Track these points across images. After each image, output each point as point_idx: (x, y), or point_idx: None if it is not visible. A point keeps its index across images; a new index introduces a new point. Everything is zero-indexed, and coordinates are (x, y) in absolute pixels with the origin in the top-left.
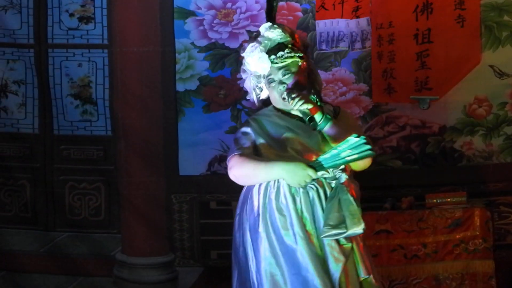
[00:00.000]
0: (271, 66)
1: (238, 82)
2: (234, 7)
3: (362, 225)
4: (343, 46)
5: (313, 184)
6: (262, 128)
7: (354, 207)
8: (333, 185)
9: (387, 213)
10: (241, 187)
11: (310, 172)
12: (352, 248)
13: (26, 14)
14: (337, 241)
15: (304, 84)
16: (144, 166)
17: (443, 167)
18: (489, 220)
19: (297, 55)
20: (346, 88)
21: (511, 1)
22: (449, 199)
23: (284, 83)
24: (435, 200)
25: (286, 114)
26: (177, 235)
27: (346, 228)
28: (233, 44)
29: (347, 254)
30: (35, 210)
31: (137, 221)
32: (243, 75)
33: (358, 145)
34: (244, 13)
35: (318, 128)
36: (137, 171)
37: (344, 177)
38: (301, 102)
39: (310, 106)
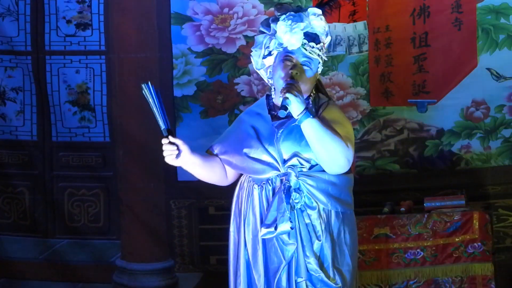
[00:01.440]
0: (299, 48)
1: (236, 87)
2: (231, 12)
3: (289, 224)
4: (340, 50)
5: (265, 183)
6: (239, 129)
7: (283, 205)
8: (278, 183)
9: (386, 217)
10: None
11: (163, 142)
12: (296, 249)
13: (23, 21)
14: (282, 241)
15: (310, 84)
16: (142, 172)
17: (441, 170)
18: (488, 223)
19: (322, 56)
20: (343, 92)
21: (508, 4)
22: (447, 203)
23: (294, 68)
24: (433, 204)
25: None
26: (177, 240)
27: (276, 227)
28: (230, 49)
29: (289, 255)
30: (34, 217)
31: (137, 227)
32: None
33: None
34: (241, 18)
35: (288, 119)
36: (136, 177)
37: (293, 174)
38: (284, 90)
39: (291, 96)
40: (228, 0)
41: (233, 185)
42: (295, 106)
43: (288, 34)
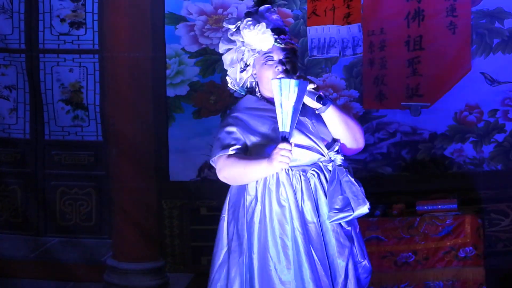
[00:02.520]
0: (274, 45)
1: (228, 88)
2: (225, 12)
3: (367, 204)
4: (334, 52)
5: (314, 171)
6: (247, 127)
7: (356, 187)
8: (330, 168)
9: (377, 220)
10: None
11: (282, 146)
12: (351, 231)
13: (17, 19)
14: (341, 226)
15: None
16: (134, 172)
17: (433, 174)
18: (480, 228)
19: (294, 43)
20: (336, 95)
21: (502, 8)
22: (440, 206)
23: (283, 64)
24: (425, 207)
25: (270, 102)
26: (168, 240)
27: (352, 210)
28: None
29: (351, 239)
30: (26, 215)
31: (128, 227)
32: (224, 46)
33: (285, 86)
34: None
35: (326, 105)
36: (128, 177)
37: (339, 158)
38: (307, 82)
39: (315, 85)
40: (222, 1)
41: (226, 185)
42: (314, 97)
43: (257, 38)
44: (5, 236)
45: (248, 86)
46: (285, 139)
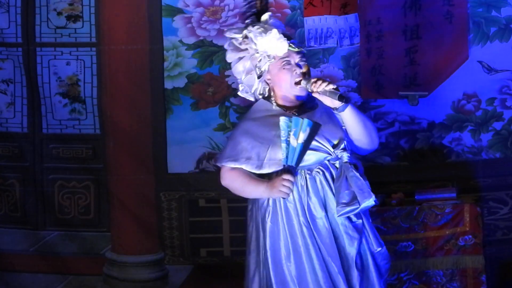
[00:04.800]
0: (288, 49)
1: (227, 79)
2: (222, 4)
3: (373, 197)
4: (331, 43)
5: (319, 169)
6: (255, 135)
7: (361, 181)
8: (337, 165)
9: (376, 210)
10: None
11: (286, 177)
12: (363, 223)
13: (14, 13)
14: (350, 219)
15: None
16: (133, 164)
17: (432, 163)
18: (479, 216)
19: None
20: (345, 89)
21: None
22: (438, 195)
23: (300, 67)
24: (424, 196)
25: (281, 106)
26: (167, 233)
27: (359, 203)
28: (221, 42)
29: (360, 231)
30: (25, 209)
31: (127, 219)
32: (234, 55)
33: (295, 124)
34: (232, 10)
35: (347, 103)
36: (126, 169)
37: (346, 155)
38: (325, 83)
39: (334, 85)
40: None
41: None
42: (336, 96)
43: (272, 44)
44: (4, 230)
45: (261, 92)
46: (290, 170)
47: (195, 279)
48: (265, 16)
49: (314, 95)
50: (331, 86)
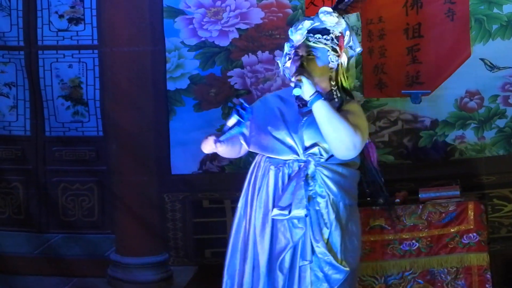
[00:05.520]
0: (304, 41)
1: (229, 80)
2: (223, 5)
3: (304, 210)
4: None
5: (280, 166)
6: (262, 108)
7: (301, 192)
8: (297, 168)
9: (381, 208)
10: (235, 185)
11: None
12: (306, 231)
13: (15, 16)
14: (292, 224)
15: (320, 72)
16: (136, 166)
17: (435, 161)
18: (483, 214)
19: (331, 45)
20: None
21: None
22: (442, 193)
23: (301, 59)
24: (428, 195)
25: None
26: (171, 234)
27: (289, 211)
28: (223, 42)
29: (296, 238)
30: (29, 212)
31: (131, 221)
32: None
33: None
34: (234, 11)
35: (305, 101)
36: (129, 171)
37: (313, 161)
38: (297, 74)
39: (301, 78)
40: None
41: (228, 177)
42: (307, 88)
43: (295, 32)
44: (8, 233)
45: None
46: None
47: (199, 279)
48: (324, 8)
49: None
50: (297, 78)
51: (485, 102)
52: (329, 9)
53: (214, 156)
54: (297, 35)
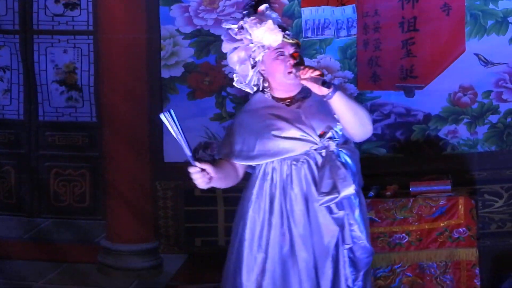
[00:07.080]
0: (282, 40)
1: (223, 69)
2: None
3: (353, 186)
4: (328, 33)
5: (305, 158)
6: (247, 128)
7: (342, 170)
8: (324, 155)
9: (371, 201)
10: None
11: (190, 170)
12: (345, 215)
13: (11, 0)
14: (330, 211)
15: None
16: (129, 153)
17: (427, 155)
18: (473, 209)
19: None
20: (331, 76)
21: None
22: (433, 187)
23: (294, 57)
24: (419, 188)
25: (276, 99)
26: (162, 222)
27: (338, 192)
28: (219, 31)
29: (340, 224)
30: (20, 196)
31: (122, 208)
32: (230, 46)
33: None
34: (230, 0)
35: (331, 89)
36: (122, 158)
37: (333, 144)
38: (311, 70)
39: (318, 72)
40: None
41: None
42: (320, 82)
43: (266, 34)
44: None
45: (255, 83)
46: (190, 162)
47: (189, 268)
48: (261, 7)
49: (302, 82)
50: (316, 73)
51: (479, 98)
52: (267, 5)
53: (207, 145)
54: (273, 36)
